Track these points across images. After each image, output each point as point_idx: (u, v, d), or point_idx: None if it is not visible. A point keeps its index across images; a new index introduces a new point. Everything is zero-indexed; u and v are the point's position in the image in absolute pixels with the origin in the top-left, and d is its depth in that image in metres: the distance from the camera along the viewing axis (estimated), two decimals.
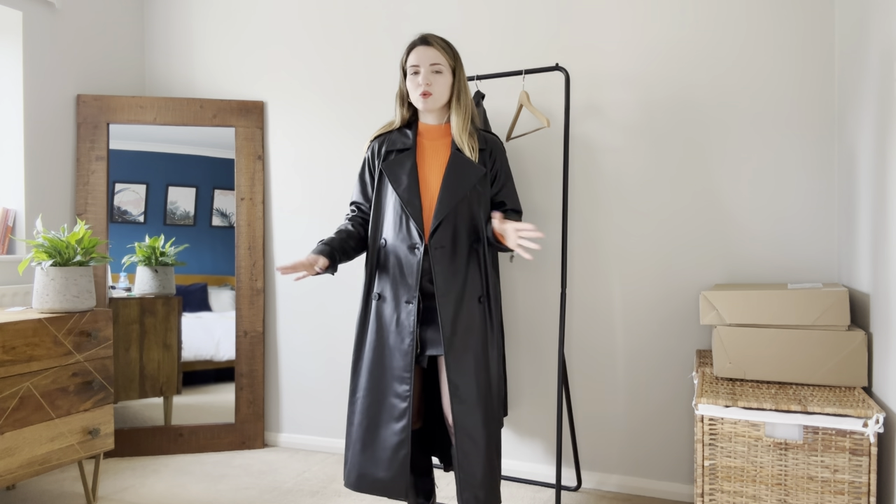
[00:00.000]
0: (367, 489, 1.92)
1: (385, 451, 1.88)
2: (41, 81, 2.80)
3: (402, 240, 1.91)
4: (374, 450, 1.90)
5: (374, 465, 1.90)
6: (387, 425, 1.89)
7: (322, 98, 2.99)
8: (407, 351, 1.87)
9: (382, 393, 1.91)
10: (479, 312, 1.91)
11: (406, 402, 1.87)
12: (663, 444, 2.46)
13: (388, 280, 1.94)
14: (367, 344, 1.95)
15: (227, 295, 3.08)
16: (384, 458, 1.88)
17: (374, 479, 1.90)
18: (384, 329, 1.93)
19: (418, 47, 1.92)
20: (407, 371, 1.87)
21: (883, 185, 1.70)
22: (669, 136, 2.44)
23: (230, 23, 3.16)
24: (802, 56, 2.27)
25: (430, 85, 1.90)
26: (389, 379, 1.90)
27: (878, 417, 1.57)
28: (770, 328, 1.87)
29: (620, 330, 2.52)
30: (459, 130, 1.92)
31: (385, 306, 1.93)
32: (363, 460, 1.91)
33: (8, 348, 2.06)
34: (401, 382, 1.88)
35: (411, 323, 1.87)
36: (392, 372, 1.90)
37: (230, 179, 3.05)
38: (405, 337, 1.88)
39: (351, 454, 1.94)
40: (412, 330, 1.87)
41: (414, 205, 1.89)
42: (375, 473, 1.90)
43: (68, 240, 2.30)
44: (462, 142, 1.92)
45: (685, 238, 2.42)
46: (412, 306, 1.87)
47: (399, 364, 1.89)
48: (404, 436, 1.86)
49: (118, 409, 2.97)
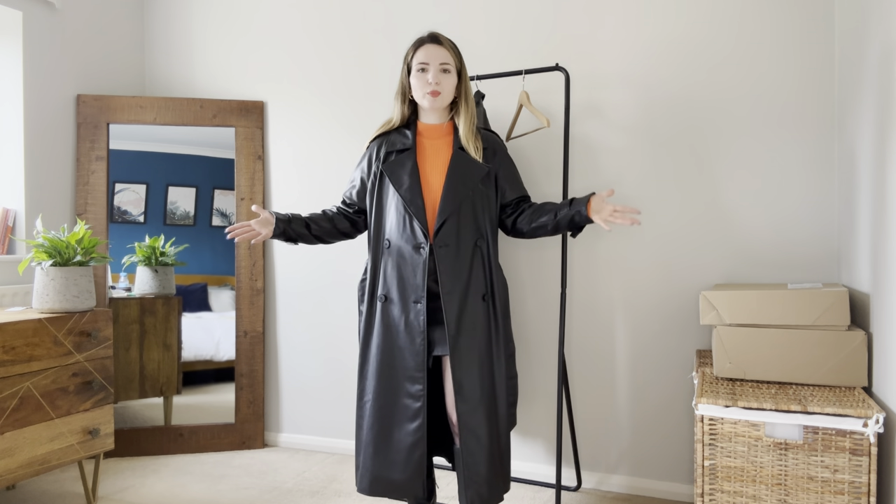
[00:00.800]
0: (381, 492, 1.91)
1: (400, 453, 1.88)
2: (41, 81, 2.80)
3: (406, 240, 1.91)
4: (388, 452, 1.89)
5: (389, 467, 1.89)
6: (400, 426, 1.88)
7: (322, 98, 2.99)
8: (419, 350, 1.87)
9: (394, 394, 1.90)
10: (482, 310, 1.91)
11: (420, 402, 1.86)
12: (663, 444, 2.46)
13: (395, 281, 1.93)
14: (375, 346, 1.94)
15: (227, 295, 3.08)
16: (399, 459, 1.88)
17: (389, 481, 1.89)
18: (392, 330, 1.92)
19: (428, 45, 1.92)
20: (419, 371, 1.87)
21: (883, 184, 1.70)
22: (669, 136, 2.44)
23: (230, 23, 3.16)
24: (802, 56, 2.27)
25: (440, 84, 1.90)
26: (401, 380, 1.90)
27: (878, 417, 1.57)
28: (770, 328, 1.87)
29: (620, 330, 2.52)
30: (466, 131, 1.93)
31: (392, 307, 1.93)
32: (376, 463, 1.90)
33: (8, 348, 2.06)
34: (413, 382, 1.88)
35: (421, 322, 1.87)
36: (404, 372, 1.89)
37: (230, 179, 3.05)
38: (416, 336, 1.88)
39: (363, 458, 1.93)
40: (422, 329, 1.87)
41: (417, 204, 1.89)
42: (391, 476, 1.89)
43: (68, 240, 2.30)
44: (468, 142, 1.93)
45: (685, 238, 2.42)
46: (421, 306, 1.87)
47: (411, 364, 1.88)
48: (419, 435, 1.86)
49: (118, 409, 2.97)
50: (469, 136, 1.93)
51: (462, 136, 1.94)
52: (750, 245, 2.34)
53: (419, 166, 1.94)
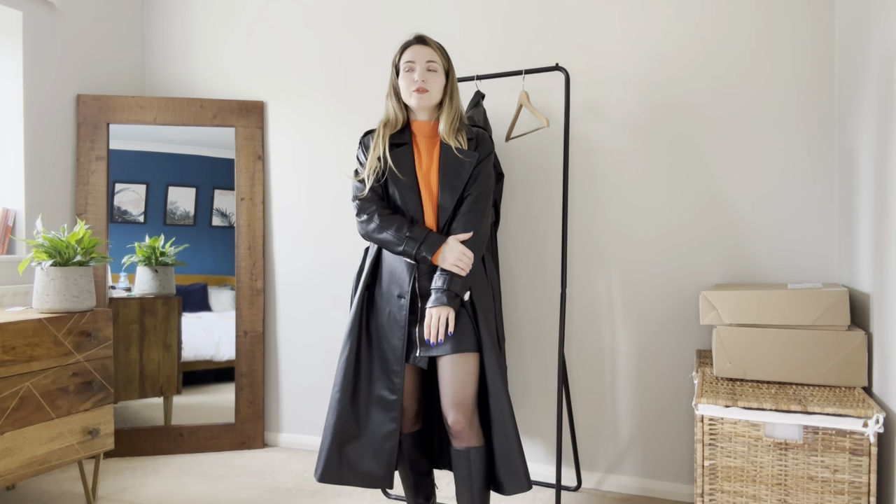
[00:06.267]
0: (349, 481, 1.93)
1: (373, 442, 1.91)
2: (41, 81, 2.80)
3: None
4: (361, 441, 1.92)
5: (359, 456, 1.92)
6: (374, 417, 1.92)
7: (322, 98, 2.99)
8: (396, 346, 1.90)
9: (370, 385, 1.94)
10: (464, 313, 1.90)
11: (396, 396, 1.90)
12: (663, 444, 2.46)
13: (385, 275, 1.96)
14: (355, 337, 1.95)
15: (227, 295, 3.08)
16: (370, 449, 1.91)
17: (356, 470, 1.92)
18: (374, 322, 1.96)
19: (414, 45, 1.93)
20: (398, 365, 1.90)
21: (883, 184, 1.70)
22: (669, 136, 2.44)
23: (230, 23, 3.16)
24: (802, 56, 2.27)
25: (426, 82, 1.90)
26: (379, 372, 1.93)
27: (878, 417, 1.57)
28: (770, 328, 1.87)
29: (621, 330, 2.52)
30: (446, 132, 1.92)
31: (378, 300, 1.96)
32: (347, 452, 1.92)
33: (8, 348, 2.06)
34: (390, 375, 1.91)
35: (402, 318, 1.89)
36: (382, 365, 1.93)
37: (230, 179, 3.05)
38: (396, 331, 1.91)
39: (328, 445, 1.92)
40: (403, 325, 1.89)
41: (414, 201, 1.91)
42: (358, 465, 1.92)
43: (68, 240, 2.30)
44: (448, 137, 1.92)
45: (685, 238, 2.42)
46: (404, 301, 1.90)
47: (389, 357, 1.92)
48: (393, 427, 1.89)
49: (118, 409, 2.97)
50: (449, 133, 1.92)
51: (441, 131, 1.93)
52: (750, 245, 2.34)
53: (416, 163, 1.95)
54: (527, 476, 1.93)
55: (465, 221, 1.90)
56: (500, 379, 1.89)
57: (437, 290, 1.84)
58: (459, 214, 1.91)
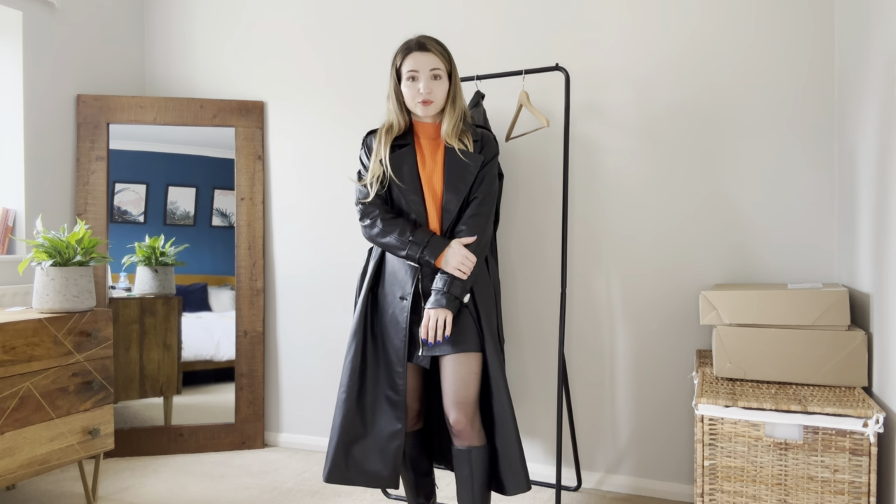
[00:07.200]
0: (355, 481, 1.93)
1: (379, 442, 1.92)
2: (41, 81, 2.80)
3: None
4: (367, 441, 1.93)
5: (364, 456, 1.92)
6: (379, 417, 1.92)
7: (322, 98, 2.99)
8: (399, 347, 1.90)
9: (375, 385, 1.94)
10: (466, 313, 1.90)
11: (399, 396, 1.90)
12: (663, 444, 2.46)
13: (388, 276, 1.97)
14: (360, 338, 1.96)
15: (227, 295, 3.08)
16: (376, 449, 1.92)
17: (362, 470, 1.92)
18: (378, 323, 1.96)
19: (415, 53, 1.88)
20: (400, 366, 1.90)
21: (883, 185, 1.70)
22: (669, 136, 2.44)
23: (230, 23, 3.16)
24: (802, 56, 2.27)
25: (431, 92, 1.87)
26: (382, 373, 1.94)
27: (878, 417, 1.57)
28: (770, 328, 1.87)
29: (620, 330, 2.52)
30: (448, 133, 1.91)
31: (381, 301, 1.97)
32: (353, 452, 1.93)
33: (8, 348, 2.06)
34: (394, 376, 1.92)
35: (404, 319, 1.90)
36: (386, 366, 1.93)
37: (230, 179, 3.05)
38: (399, 332, 1.91)
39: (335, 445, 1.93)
40: (405, 326, 1.89)
41: (417, 204, 1.90)
42: (364, 465, 1.92)
43: (68, 240, 2.30)
44: (451, 139, 1.91)
45: (685, 238, 2.42)
46: (406, 303, 1.90)
47: (392, 359, 1.92)
48: (398, 427, 1.90)
49: (118, 409, 2.97)
50: (452, 135, 1.90)
51: (444, 133, 1.92)
52: (750, 245, 2.34)
53: (419, 165, 1.94)
54: (526, 477, 1.93)
55: (471, 224, 1.90)
56: (501, 379, 1.90)
57: (436, 291, 1.84)
58: (464, 217, 1.91)
